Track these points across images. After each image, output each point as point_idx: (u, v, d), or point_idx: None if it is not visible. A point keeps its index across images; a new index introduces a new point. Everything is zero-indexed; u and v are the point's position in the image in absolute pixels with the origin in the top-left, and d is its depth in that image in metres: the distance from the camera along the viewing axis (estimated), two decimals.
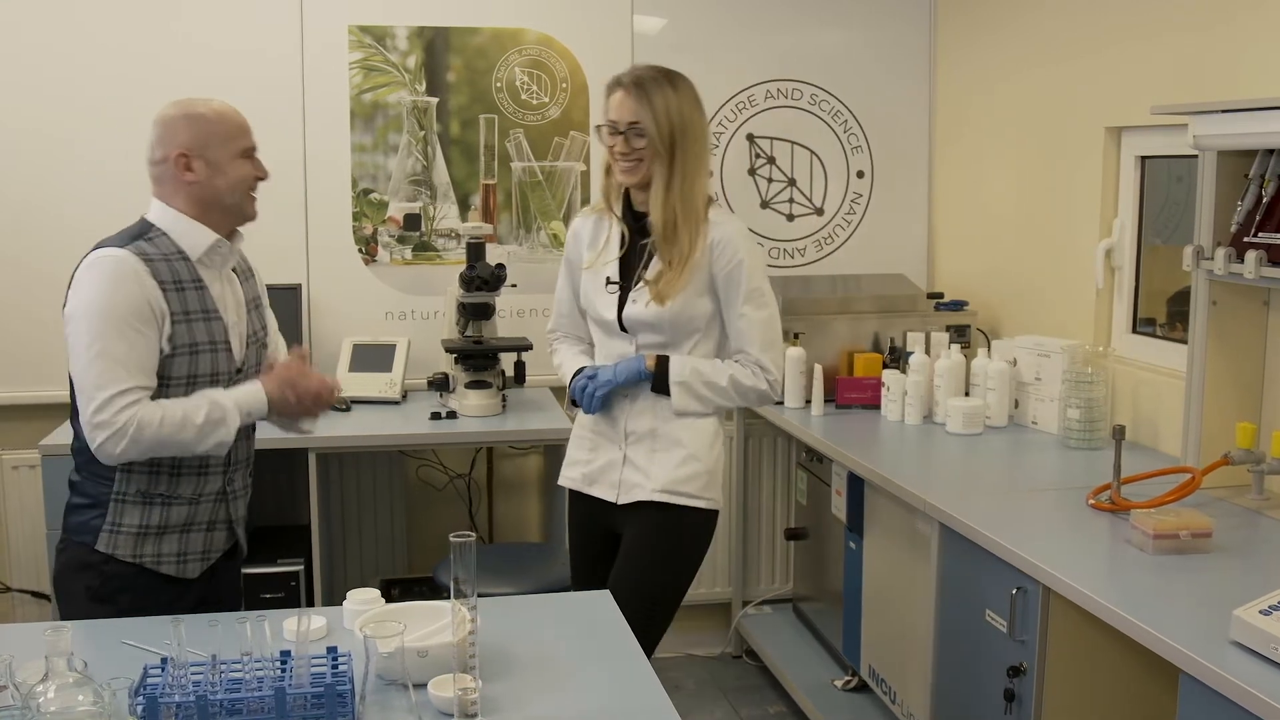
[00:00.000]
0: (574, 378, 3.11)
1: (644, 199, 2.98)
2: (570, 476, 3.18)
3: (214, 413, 2.53)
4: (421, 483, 4.68)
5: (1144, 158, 3.73)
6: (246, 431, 2.73)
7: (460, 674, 1.90)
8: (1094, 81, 3.82)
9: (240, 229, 2.71)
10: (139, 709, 1.83)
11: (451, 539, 1.85)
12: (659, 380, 2.99)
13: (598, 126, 3.01)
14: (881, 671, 3.64)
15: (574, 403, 3.13)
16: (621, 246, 3.04)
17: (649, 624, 2.88)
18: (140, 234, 2.57)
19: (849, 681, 4.04)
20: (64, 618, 2.63)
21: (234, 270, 2.74)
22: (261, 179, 2.68)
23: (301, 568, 4.00)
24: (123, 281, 2.47)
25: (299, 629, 1.91)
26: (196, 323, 2.58)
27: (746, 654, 4.81)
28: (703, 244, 2.93)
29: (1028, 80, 4.19)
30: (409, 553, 4.66)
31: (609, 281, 3.05)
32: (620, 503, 3.06)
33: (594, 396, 3.02)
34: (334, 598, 4.28)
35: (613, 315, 3.04)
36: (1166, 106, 3.08)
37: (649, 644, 2.89)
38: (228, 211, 2.64)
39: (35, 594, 4.39)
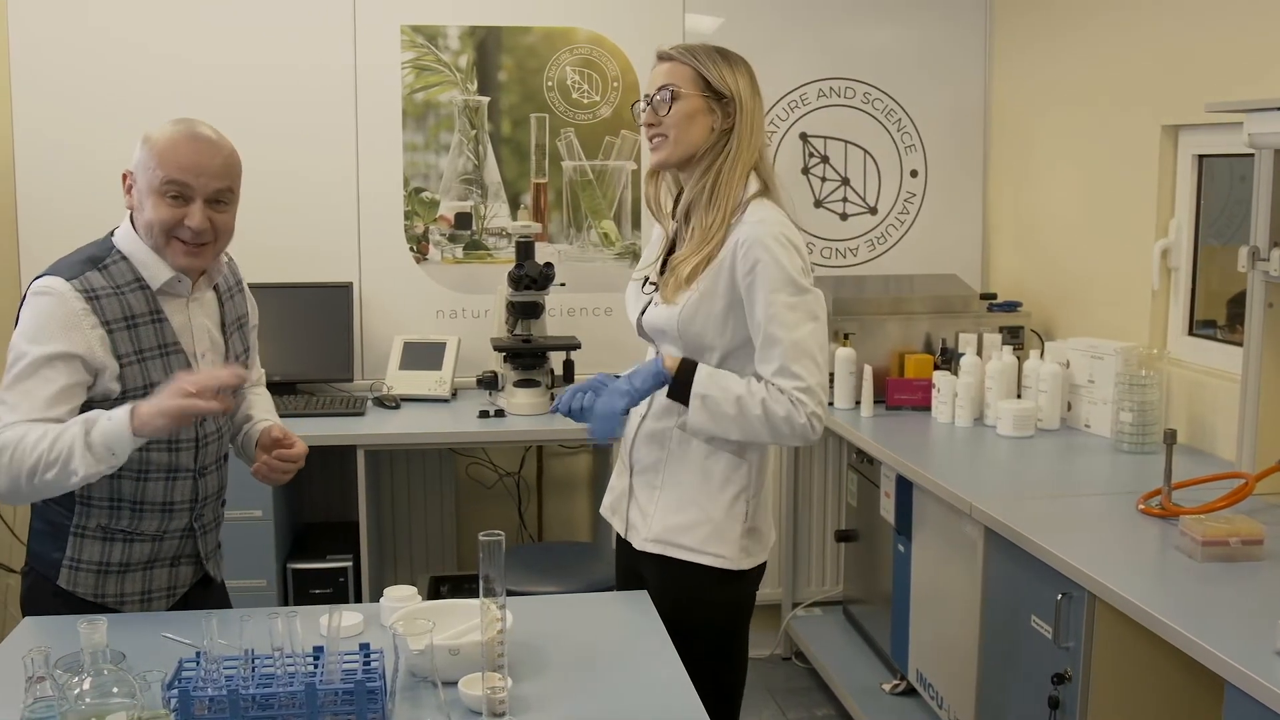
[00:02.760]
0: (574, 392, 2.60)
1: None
2: (604, 503, 2.86)
3: (68, 433, 2.23)
4: (471, 480, 4.69)
5: (1201, 156, 3.66)
6: (219, 463, 2.58)
7: (489, 673, 1.90)
8: (1150, 80, 3.76)
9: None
10: (172, 702, 1.84)
11: (480, 538, 1.84)
12: (678, 387, 2.52)
13: (633, 104, 2.73)
14: (929, 676, 3.60)
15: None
16: (669, 249, 2.68)
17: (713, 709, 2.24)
18: (97, 259, 2.39)
19: (897, 685, 4.00)
20: None
21: (214, 288, 2.55)
22: (191, 228, 2.35)
23: (350, 564, 4.03)
24: (55, 325, 2.29)
25: (330, 625, 1.92)
26: (151, 360, 2.38)
27: (796, 656, 4.79)
28: (726, 240, 2.49)
29: (1083, 78, 4.14)
30: (459, 550, 4.68)
31: (646, 282, 2.69)
32: (626, 537, 2.74)
33: (597, 416, 2.51)
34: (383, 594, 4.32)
35: (636, 318, 2.70)
36: (1221, 104, 3.03)
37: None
38: (151, 244, 2.40)
39: None
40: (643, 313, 2.67)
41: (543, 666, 2.17)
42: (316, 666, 1.95)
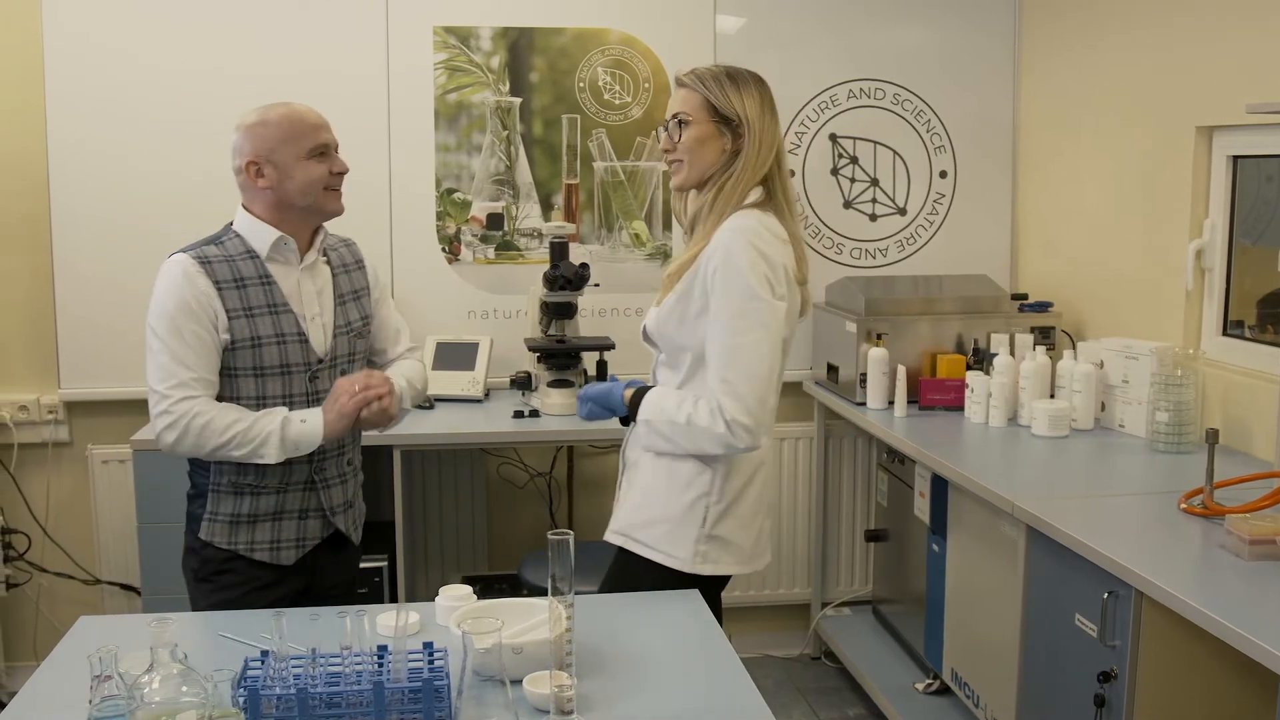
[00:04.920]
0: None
1: None
2: None
3: (265, 423, 2.65)
4: (502, 480, 4.71)
5: (1236, 157, 3.67)
6: None
7: (557, 671, 1.91)
8: (1184, 81, 3.76)
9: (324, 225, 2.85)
10: (241, 701, 1.86)
11: (550, 536, 1.86)
12: (632, 413, 2.73)
13: (654, 130, 2.87)
14: (964, 675, 3.61)
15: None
16: None
17: None
18: (214, 238, 2.75)
19: (930, 684, 4.01)
20: (189, 598, 2.82)
21: (328, 263, 2.86)
22: (339, 174, 2.76)
23: (385, 564, 4.04)
24: (175, 284, 2.63)
25: (397, 624, 1.93)
26: (260, 317, 2.69)
27: (825, 655, 4.80)
28: (704, 246, 2.62)
29: (1113, 80, 4.14)
30: (489, 550, 4.69)
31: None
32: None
33: (582, 408, 2.85)
34: (415, 594, 4.33)
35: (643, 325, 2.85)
36: (1262, 105, 3.04)
37: None
38: (306, 212, 2.75)
39: (124, 586, 4.46)
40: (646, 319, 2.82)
41: (601, 665, 2.18)
42: (382, 665, 1.97)
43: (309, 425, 2.68)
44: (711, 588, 2.74)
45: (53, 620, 4.50)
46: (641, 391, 2.73)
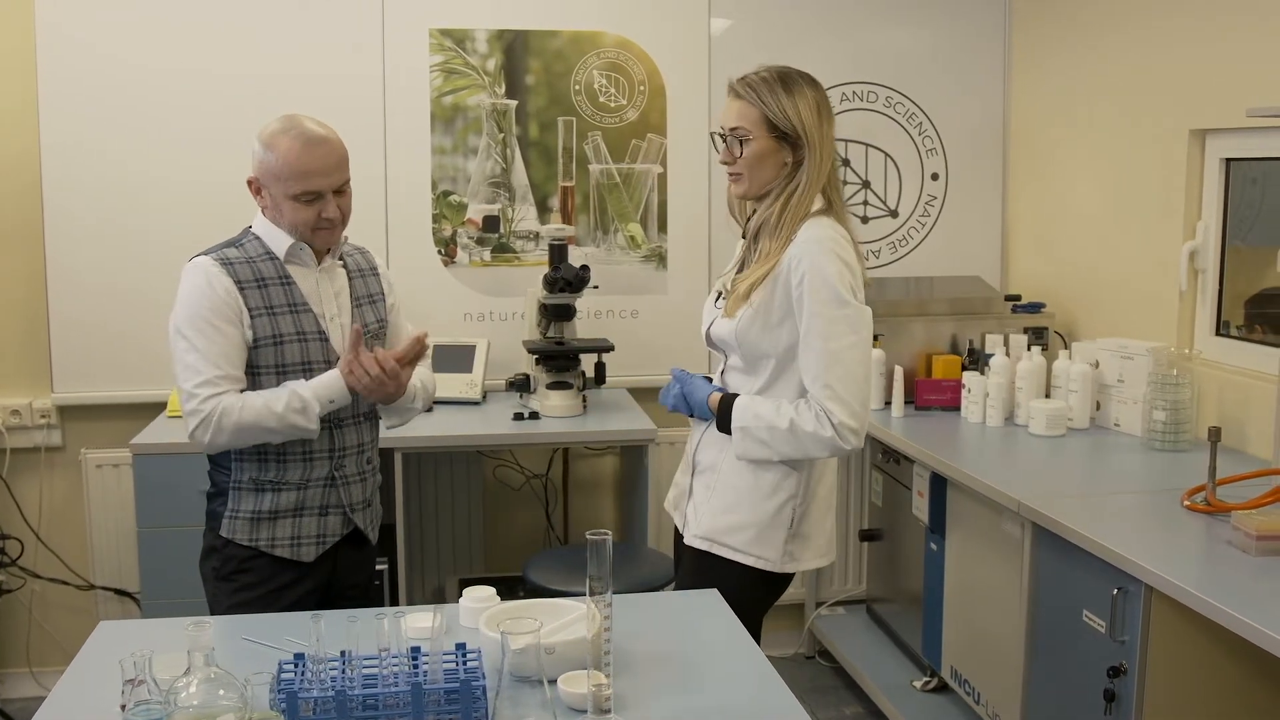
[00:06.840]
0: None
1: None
2: (668, 497, 3.05)
3: (294, 401, 2.67)
4: (498, 483, 4.71)
5: (1229, 160, 3.71)
6: (355, 419, 2.87)
7: (594, 670, 1.92)
8: (1177, 84, 3.81)
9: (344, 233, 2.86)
10: (281, 704, 1.86)
11: (588, 536, 1.87)
12: (721, 421, 2.77)
13: (711, 133, 2.86)
14: (964, 672, 3.64)
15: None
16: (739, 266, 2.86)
17: None
18: (233, 241, 2.78)
19: (928, 682, 4.04)
20: (207, 599, 2.84)
21: (344, 267, 2.90)
22: (329, 218, 2.73)
23: (386, 567, 4.04)
24: (199, 285, 2.67)
25: (434, 625, 1.94)
26: (281, 315, 2.73)
27: (820, 654, 4.83)
28: (782, 257, 2.66)
29: (1103, 83, 4.19)
30: (485, 552, 4.69)
31: (719, 295, 2.88)
32: (683, 531, 2.91)
33: (669, 394, 2.90)
34: (413, 597, 4.33)
35: (704, 330, 2.89)
36: (1263, 109, 3.08)
37: None
38: (297, 238, 2.78)
39: (119, 591, 4.44)
40: (710, 325, 2.85)
41: (631, 664, 2.19)
42: (417, 667, 1.98)
43: (335, 405, 2.73)
44: (787, 584, 2.88)
45: (46, 626, 4.49)
46: (728, 398, 2.76)
